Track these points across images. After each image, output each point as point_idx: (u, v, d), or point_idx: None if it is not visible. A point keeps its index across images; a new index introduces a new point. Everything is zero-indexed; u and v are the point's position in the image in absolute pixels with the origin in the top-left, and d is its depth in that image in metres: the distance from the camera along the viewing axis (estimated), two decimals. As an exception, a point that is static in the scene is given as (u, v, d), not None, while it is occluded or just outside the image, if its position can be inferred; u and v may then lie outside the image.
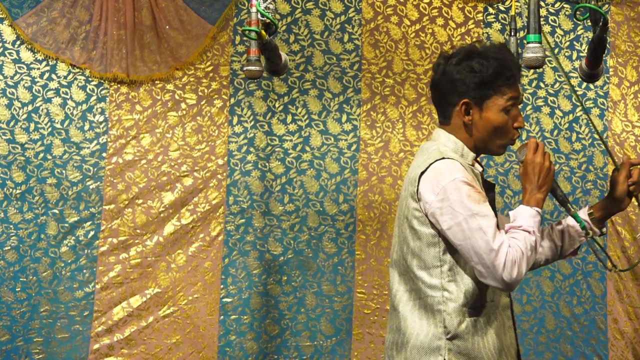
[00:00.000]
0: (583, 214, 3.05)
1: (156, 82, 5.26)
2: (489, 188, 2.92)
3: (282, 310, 5.27)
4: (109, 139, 5.23)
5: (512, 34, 3.88)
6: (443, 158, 2.78)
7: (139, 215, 5.20)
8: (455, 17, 5.35)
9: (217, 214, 5.25)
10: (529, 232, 2.74)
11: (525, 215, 2.76)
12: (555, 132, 5.38)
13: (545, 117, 5.38)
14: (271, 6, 3.41)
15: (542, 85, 5.38)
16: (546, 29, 5.34)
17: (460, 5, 5.35)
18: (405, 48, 5.34)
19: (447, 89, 2.86)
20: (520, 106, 2.89)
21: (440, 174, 2.76)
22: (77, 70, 5.21)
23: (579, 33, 5.37)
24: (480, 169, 2.93)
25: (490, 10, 5.37)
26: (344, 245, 5.29)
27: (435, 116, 5.23)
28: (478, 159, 2.93)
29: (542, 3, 5.24)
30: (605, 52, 3.63)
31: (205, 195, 5.25)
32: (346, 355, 5.25)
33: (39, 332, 5.14)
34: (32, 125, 5.18)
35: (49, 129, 5.19)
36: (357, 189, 5.31)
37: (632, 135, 5.35)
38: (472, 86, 2.81)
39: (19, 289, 5.14)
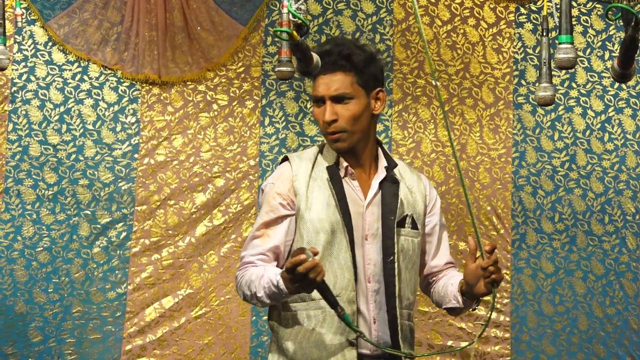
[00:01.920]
0: (455, 287, 2.99)
1: (188, 83, 5.27)
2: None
3: (314, 311, 5.27)
4: (140, 140, 5.24)
5: (544, 34, 3.88)
6: (285, 158, 3.01)
7: (171, 216, 5.21)
8: (487, 18, 5.35)
9: (249, 214, 5.25)
10: (256, 282, 2.85)
11: (267, 276, 2.82)
12: (588, 132, 5.37)
13: (577, 118, 5.37)
14: (302, 7, 3.41)
15: (574, 85, 5.37)
16: (578, 29, 5.35)
17: (492, 6, 5.34)
18: (436, 48, 5.34)
19: None
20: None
21: None
22: (109, 71, 5.22)
23: (611, 33, 5.37)
24: (344, 162, 2.96)
25: (522, 10, 5.37)
26: (376, 245, 5.29)
27: (467, 116, 5.30)
28: (343, 157, 2.96)
29: (574, 3, 5.24)
30: (638, 52, 3.63)
31: (237, 196, 5.25)
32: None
33: (71, 333, 5.15)
34: (64, 127, 5.19)
35: (81, 130, 5.20)
36: (388, 189, 5.30)
37: (664, 136, 5.36)
38: None
39: (51, 290, 5.15)
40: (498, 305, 5.27)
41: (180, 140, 5.26)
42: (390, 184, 2.94)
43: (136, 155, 5.22)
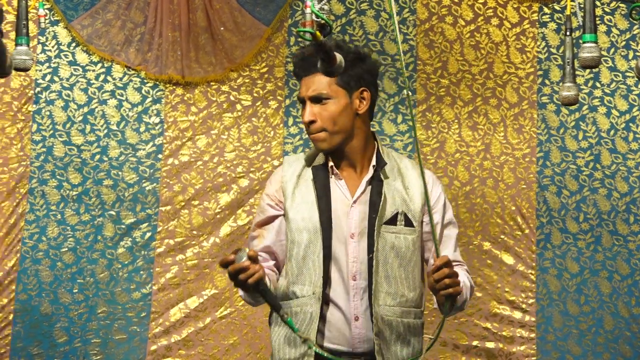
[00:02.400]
0: None
1: (211, 83, 5.27)
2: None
3: (338, 311, 5.27)
4: (164, 141, 5.24)
5: (568, 33, 3.88)
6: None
7: (195, 217, 5.22)
8: (510, 17, 5.34)
9: (273, 215, 5.25)
10: None
11: None
12: (612, 131, 5.36)
13: (601, 117, 5.36)
14: (326, 7, 3.41)
15: (598, 85, 5.36)
16: (602, 28, 5.33)
17: (515, 5, 5.33)
18: (460, 48, 5.33)
19: None
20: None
21: None
22: (133, 72, 5.23)
23: (635, 32, 5.35)
24: (329, 162, 3.01)
25: (546, 10, 5.35)
26: (400, 246, 5.28)
27: (491, 116, 5.29)
28: (331, 157, 3.01)
29: (597, 2, 5.22)
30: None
31: (261, 196, 5.24)
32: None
33: (96, 334, 5.16)
34: (88, 127, 5.19)
35: (105, 131, 5.21)
36: (412, 189, 5.30)
37: (688, 135, 5.35)
38: None
39: (76, 291, 5.15)
40: (523, 305, 5.26)
41: (204, 141, 5.26)
42: (376, 183, 2.97)
43: (160, 156, 5.23)
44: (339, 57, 3.49)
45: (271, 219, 3.04)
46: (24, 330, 5.09)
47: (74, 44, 5.19)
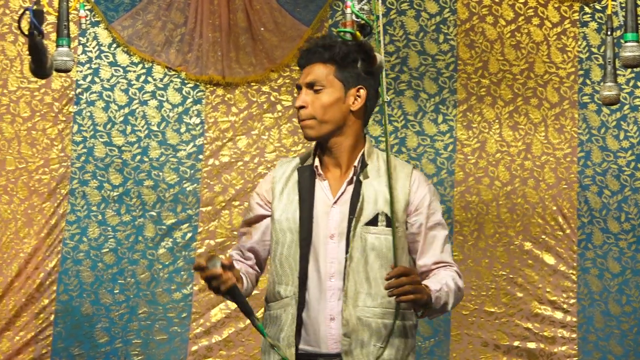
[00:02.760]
0: None
1: (252, 84, 5.28)
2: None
3: (379, 312, 5.27)
4: (205, 141, 5.25)
5: (609, 33, 3.88)
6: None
7: (236, 217, 5.22)
8: (551, 17, 5.33)
9: (314, 215, 5.25)
10: None
11: None
12: (654, 131, 5.36)
13: (643, 117, 5.36)
14: (366, 7, 3.41)
15: (639, 84, 5.35)
16: (643, 27, 5.31)
17: (556, 5, 5.32)
18: (500, 48, 5.32)
19: None
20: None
21: None
22: (173, 72, 5.23)
23: (676, 31, 5.34)
24: (315, 162, 3.01)
25: (587, 9, 5.34)
26: (441, 246, 5.27)
27: (532, 116, 5.29)
28: (320, 153, 3.03)
29: (638, 2, 5.20)
30: None
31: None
32: (444, 356, 5.24)
33: (137, 334, 5.16)
34: (129, 128, 5.20)
35: (146, 132, 5.21)
36: (453, 189, 5.30)
37: None
38: None
39: (117, 291, 5.16)
40: (564, 306, 5.25)
41: (245, 141, 5.26)
42: (355, 184, 2.97)
43: (201, 156, 5.23)
44: (379, 57, 3.50)
45: (259, 219, 3.06)
46: (65, 330, 5.11)
47: (114, 45, 5.20)
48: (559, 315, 5.26)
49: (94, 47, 5.19)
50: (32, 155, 5.14)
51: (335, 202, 2.97)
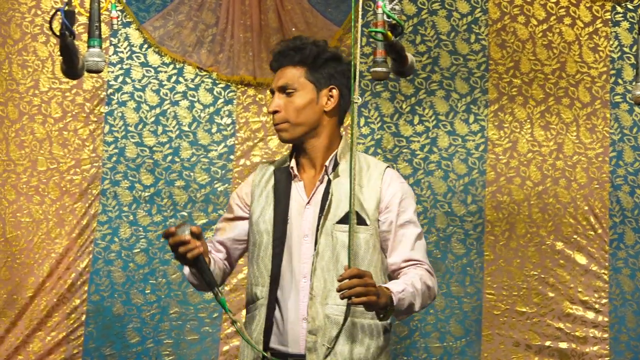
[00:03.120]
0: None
1: (283, 84, 5.27)
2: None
3: (410, 312, 5.26)
4: (236, 142, 5.25)
5: (641, 32, 3.87)
6: None
7: (268, 217, 5.21)
8: (583, 17, 5.32)
9: (345, 215, 5.25)
10: None
11: None
12: (685, 131, 5.35)
13: (675, 116, 5.35)
14: (397, 7, 3.40)
15: (670, 84, 5.33)
16: (675, 27, 5.30)
17: (588, 5, 5.31)
18: (532, 48, 5.32)
19: None
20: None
21: None
22: (204, 73, 5.23)
23: None
24: (291, 164, 3.06)
25: (619, 9, 5.33)
26: (473, 246, 5.27)
27: (564, 116, 5.28)
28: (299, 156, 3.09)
29: (670, 1, 5.21)
30: None
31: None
32: (476, 356, 5.24)
33: (168, 334, 5.17)
34: (160, 128, 5.21)
35: (177, 132, 5.22)
36: (485, 189, 5.29)
37: None
38: None
39: (148, 291, 5.17)
40: (596, 306, 5.24)
41: (276, 142, 5.25)
42: (326, 183, 3.01)
43: (232, 157, 5.23)
44: (410, 57, 3.50)
45: (235, 220, 3.12)
46: (96, 331, 5.11)
47: (145, 46, 5.20)
48: (590, 315, 5.26)
49: (125, 48, 5.19)
50: (64, 155, 5.14)
51: (308, 202, 3.01)
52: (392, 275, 3.05)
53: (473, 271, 5.27)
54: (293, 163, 3.06)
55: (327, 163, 3.02)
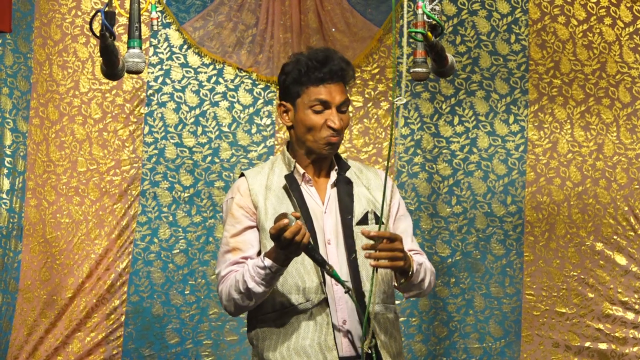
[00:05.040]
0: None
1: (322, 84, 5.26)
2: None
3: (450, 312, 5.26)
4: (276, 142, 5.24)
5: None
6: (242, 174, 3.08)
7: (307, 218, 5.21)
8: (623, 17, 5.31)
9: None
10: (242, 278, 2.89)
11: (252, 264, 2.88)
12: None
13: None
14: (437, 8, 3.39)
15: None
16: None
17: (629, 5, 5.31)
18: (572, 48, 5.31)
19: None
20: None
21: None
22: (244, 73, 5.23)
23: None
24: (300, 170, 3.04)
25: (659, 9, 5.33)
26: (512, 246, 5.27)
27: (604, 116, 5.27)
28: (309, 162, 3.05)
29: None
30: None
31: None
32: (515, 357, 5.24)
33: (208, 335, 5.17)
34: (200, 129, 5.20)
35: (217, 133, 5.21)
36: (525, 190, 5.29)
37: None
38: (282, 87, 3.04)
39: (187, 292, 5.17)
40: (636, 307, 5.24)
41: (315, 142, 5.25)
42: (344, 186, 3.02)
43: (271, 157, 5.23)
44: (450, 58, 3.50)
45: (247, 229, 3.01)
46: (135, 331, 5.11)
47: (185, 46, 5.20)
48: (630, 316, 5.25)
49: (165, 49, 5.19)
50: (104, 156, 5.14)
51: (326, 208, 3.01)
52: None
53: (513, 272, 5.27)
54: (300, 168, 3.04)
55: (336, 167, 3.06)
